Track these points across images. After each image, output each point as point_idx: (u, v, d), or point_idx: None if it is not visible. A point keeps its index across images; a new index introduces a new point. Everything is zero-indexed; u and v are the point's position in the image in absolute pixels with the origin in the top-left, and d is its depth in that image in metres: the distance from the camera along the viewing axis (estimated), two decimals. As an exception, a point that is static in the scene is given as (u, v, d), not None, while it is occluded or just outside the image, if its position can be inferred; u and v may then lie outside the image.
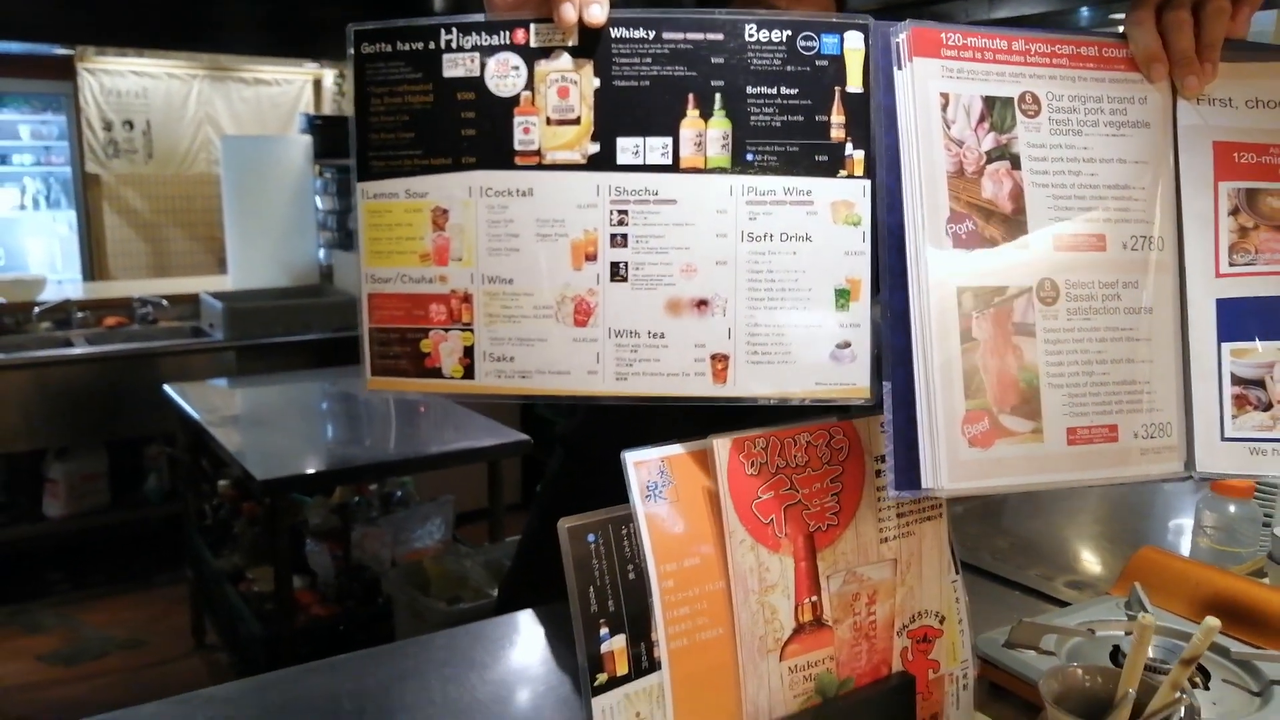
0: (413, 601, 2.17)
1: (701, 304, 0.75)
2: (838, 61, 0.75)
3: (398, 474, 2.75)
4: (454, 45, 0.75)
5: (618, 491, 0.80)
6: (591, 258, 0.75)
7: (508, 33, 0.74)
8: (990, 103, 0.75)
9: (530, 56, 0.74)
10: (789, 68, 0.75)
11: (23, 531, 3.60)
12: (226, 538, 2.95)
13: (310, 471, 2.26)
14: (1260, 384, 0.76)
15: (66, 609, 3.47)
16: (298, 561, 2.53)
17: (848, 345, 0.76)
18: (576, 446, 1.48)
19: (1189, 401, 0.77)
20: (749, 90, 0.74)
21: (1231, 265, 0.77)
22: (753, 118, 0.75)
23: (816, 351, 0.76)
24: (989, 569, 1.45)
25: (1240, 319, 0.77)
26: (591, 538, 0.70)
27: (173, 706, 1.17)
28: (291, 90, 6.74)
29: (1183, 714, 0.88)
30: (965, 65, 0.75)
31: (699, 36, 0.74)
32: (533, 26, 0.74)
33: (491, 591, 2.19)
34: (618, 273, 0.75)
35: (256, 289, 4.17)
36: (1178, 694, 0.76)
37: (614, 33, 0.74)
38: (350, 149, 0.79)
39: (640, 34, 0.74)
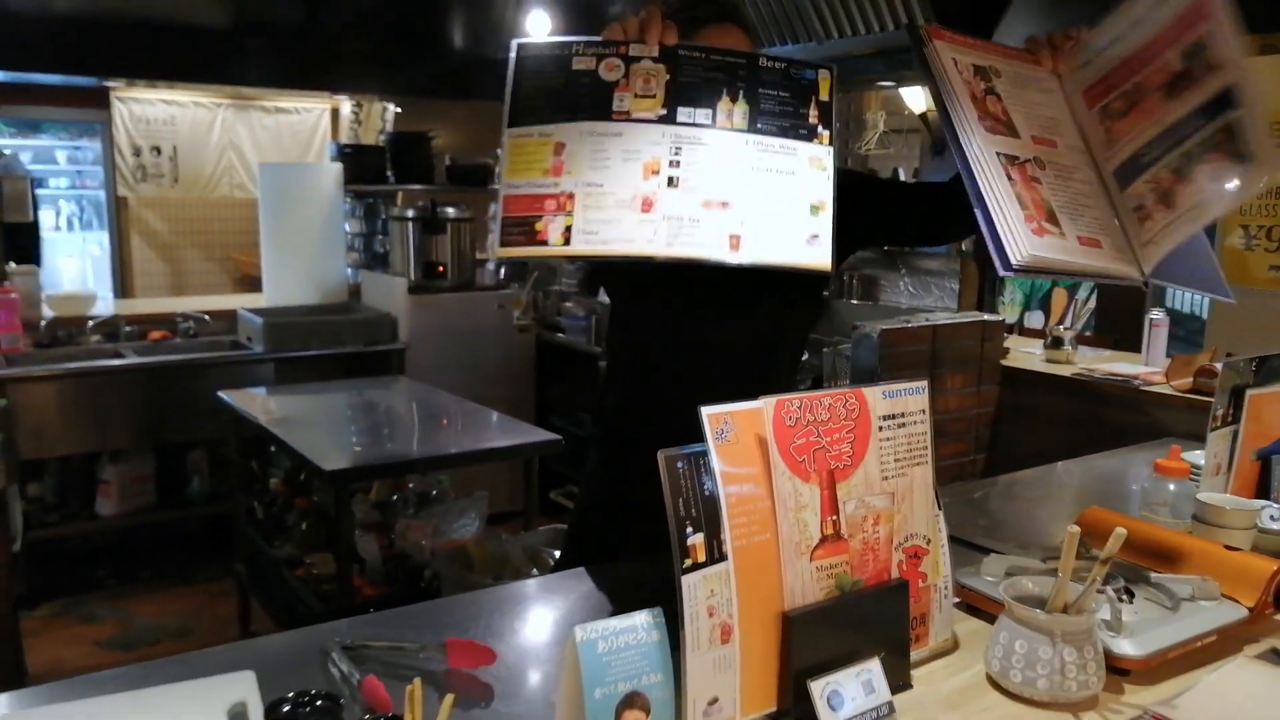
0: (462, 580, 2.44)
1: (724, 204, 1.17)
2: (814, 83, 1.24)
3: (446, 467, 3.02)
4: (580, 52, 1.19)
5: (644, 484, 1.12)
6: (655, 173, 1.17)
7: (615, 47, 1.19)
8: (976, 68, 1.27)
9: (628, 60, 1.19)
10: (785, 81, 1.22)
11: (77, 529, 3.85)
12: (279, 530, 3.21)
13: (372, 464, 2.53)
14: (1147, 202, 1.30)
15: (118, 601, 3.72)
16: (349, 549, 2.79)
17: (816, 236, 1.19)
18: (606, 449, 1.76)
19: (1127, 234, 1.29)
20: (760, 90, 1.21)
21: (1110, 147, 1.34)
22: (763, 105, 1.20)
23: (797, 238, 1.19)
24: (973, 542, 1.73)
25: (1127, 173, 1.32)
26: (680, 464, 0.99)
27: (307, 635, 1.44)
28: (310, 118, 7.04)
29: (1109, 616, 1.17)
30: (959, 47, 1.28)
31: (732, 59, 1.21)
32: (631, 45, 1.19)
33: (531, 571, 2.46)
34: (671, 183, 1.17)
35: (291, 306, 4.45)
36: (1097, 589, 1.05)
37: (681, 52, 1.20)
38: (503, 106, 1.19)
39: (698, 54, 1.21)
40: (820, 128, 1.21)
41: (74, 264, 6.40)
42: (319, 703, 1.11)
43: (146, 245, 6.74)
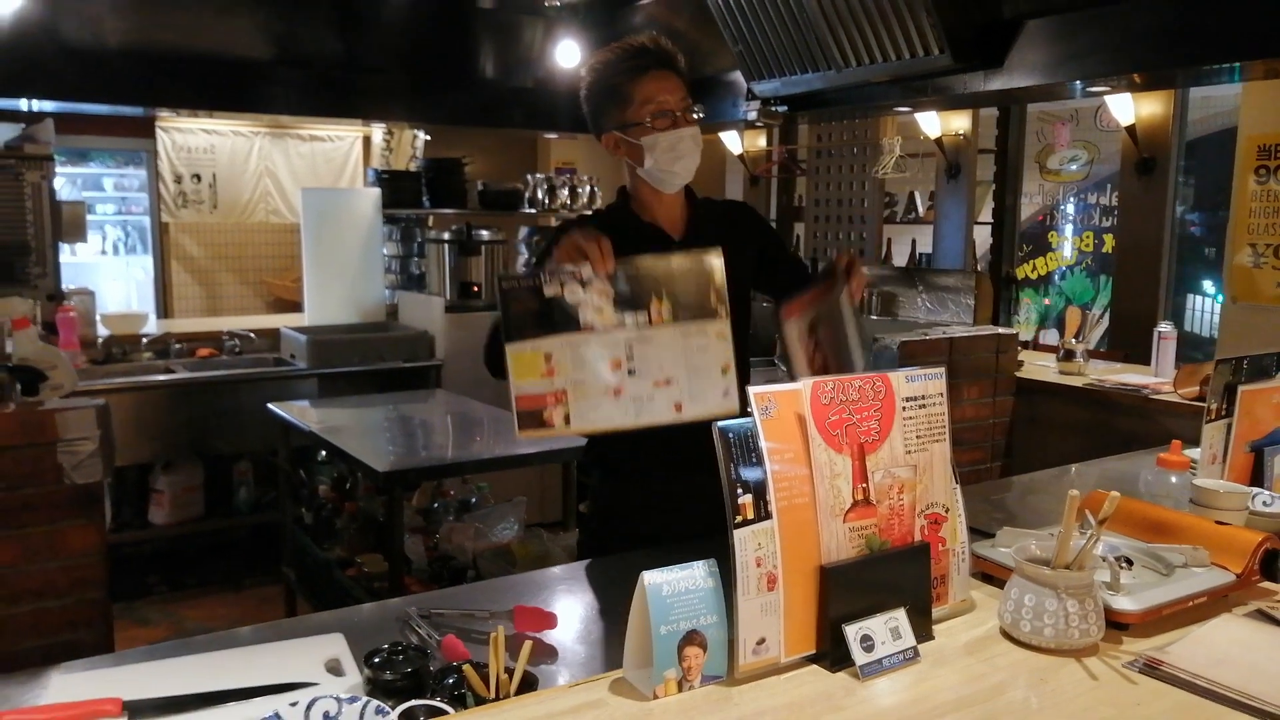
0: (506, 574, 2.59)
1: (667, 381, 1.58)
2: (711, 271, 1.58)
3: (491, 470, 3.17)
4: (548, 281, 1.54)
5: (643, 500, 1.70)
6: (619, 367, 1.56)
7: (573, 274, 1.55)
8: (810, 327, 1.69)
9: (584, 283, 1.54)
10: (691, 274, 1.58)
11: (131, 536, 4.03)
12: (328, 534, 3.38)
13: (422, 466, 2.69)
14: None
15: (169, 606, 3.89)
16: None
17: (727, 391, 1.59)
18: (608, 467, 1.96)
19: None
20: (677, 290, 1.58)
21: None
22: (679, 299, 1.57)
23: (716, 395, 1.58)
24: (989, 531, 1.87)
25: None
26: (731, 434, 1.15)
27: (383, 608, 1.60)
28: (344, 146, 7.29)
29: (1109, 579, 1.32)
30: (798, 317, 1.70)
31: (654, 266, 1.57)
32: (584, 270, 1.54)
33: (571, 568, 2.61)
34: (631, 373, 1.56)
35: (332, 325, 4.65)
36: (1097, 550, 1.20)
37: (619, 271, 1.56)
38: (502, 329, 1.55)
39: (630, 271, 1.56)
40: (719, 307, 1.58)
41: (119, 287, 6.64)
42: (411, 652, 1.26)
43: (184, 269, 6.97)
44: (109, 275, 6.82)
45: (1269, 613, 1.35)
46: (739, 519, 1.13)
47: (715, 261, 1.58)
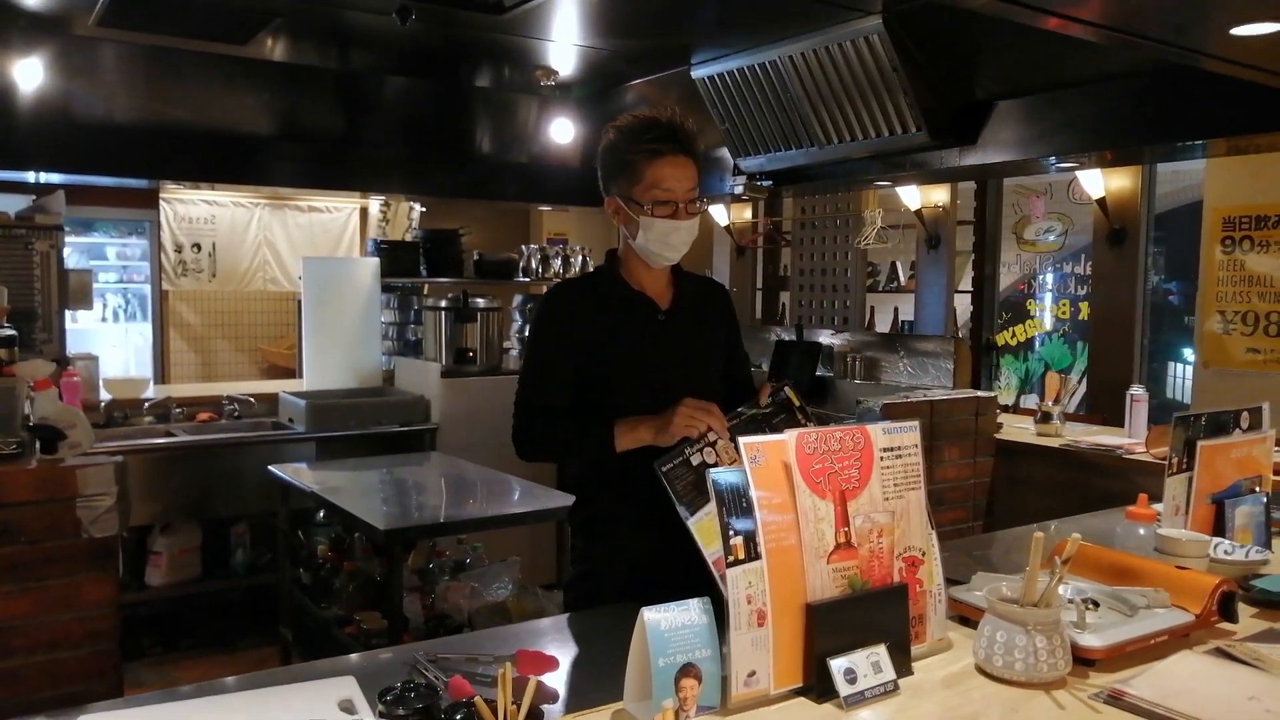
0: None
1: None
2: (789, 396, 1.79)
3: (488, 529, 3.25)
4: (689, 451, 1.68)
5: (626, 562, 1.74)
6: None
7: (705, 439, 1.70)
8: None
9: (713, 444, 1.70)
10: (777, 400, 1.78)
11: (128, 598, 4.05)
12: (326, 593, 3.42)
13: (421, 525, 2.77)
14: None
15: (164, 668, 3.91)
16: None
17: None
18: (592, 531, 2.01)
19: None
20: (770, 418, 1.76)
21: None
22: (776, 423, 1.74)
23: None
24: (962, 579, 1.97)
25: None
26: (723, 483, 1.25)
27: (390, 654, 1.67)
28: (341, 217, 7.47)
29: (1075, 617, 1.42)
30: None
31: (754, 411, 1.77)
32: (710, 434, 1.71)
33: (566, 624, 2.68)
34: None
35: (330, 390, 4.74)
36: (1059, 588, 1.30)
37: (733, 423, 1.73)
38: (678, 506, 1.60)
39: (739, 421, 1.73)
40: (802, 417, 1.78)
41: (118, 353, 6.73)
42: (422, 689, 1.34)
43: (180, 336, 7.09)
44: (108, 342, 6.92)
45: (1226, 650, 1.45)
46: (731, 559, 1.23)
47: (789, 388, 1.78)
